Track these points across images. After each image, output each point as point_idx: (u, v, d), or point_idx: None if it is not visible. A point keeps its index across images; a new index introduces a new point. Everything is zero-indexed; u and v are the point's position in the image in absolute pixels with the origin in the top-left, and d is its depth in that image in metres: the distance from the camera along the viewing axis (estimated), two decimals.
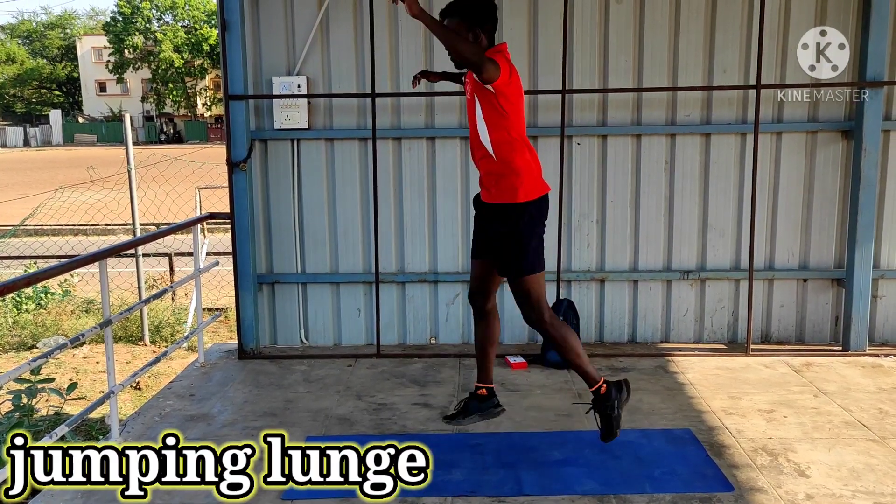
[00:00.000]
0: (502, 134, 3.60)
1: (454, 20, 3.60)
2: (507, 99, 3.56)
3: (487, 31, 3.63)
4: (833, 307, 5.80)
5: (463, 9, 3.60)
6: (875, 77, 5.30)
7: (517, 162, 3.64)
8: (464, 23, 3.58)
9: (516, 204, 3.65)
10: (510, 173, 3.64)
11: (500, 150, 3.62)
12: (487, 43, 3.64)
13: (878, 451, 3.93)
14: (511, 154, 3.62)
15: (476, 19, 3.59)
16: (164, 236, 5.48)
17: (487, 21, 3.63)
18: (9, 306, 8.90)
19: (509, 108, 3.58)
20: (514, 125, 3.62)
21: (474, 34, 3.59)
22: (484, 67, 3.40)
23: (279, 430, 4.27)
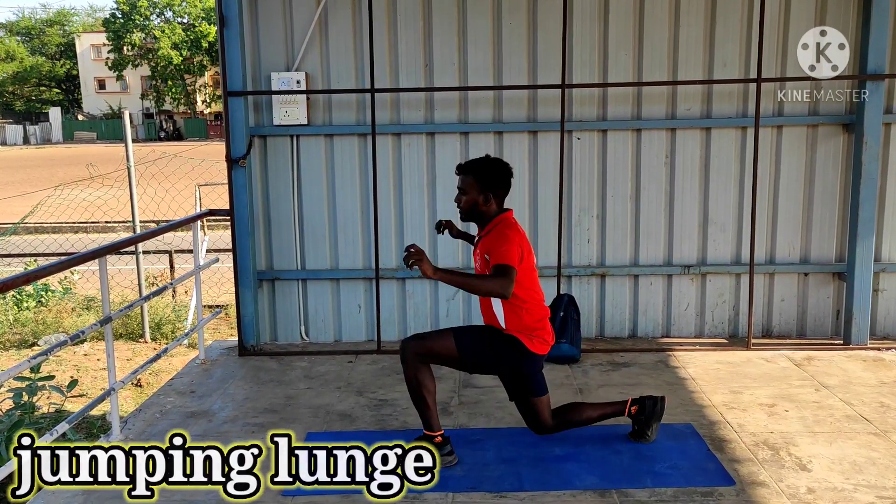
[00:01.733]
0: (515, 309, 3.62)
1: (469, 179, 3.65)
2: (521, 275, 3.54)
3: (499, 196, 3.67)
4: (834, 301, 5.80)
5: (479, 171, 3.65)
6: (876, 70, 5.28)
7: (528, 324, 3.66)
8: (478, 184, 3.63)
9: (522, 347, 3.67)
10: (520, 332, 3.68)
11: (511, 318, 3.65)
12: (497, 208, 3.67)
13: (880, 445, 3.93)
14: (523, 320, 3.65)
15: (490, 184, 3.63)
16: (164, 233, 5.48)
17: (501, 187, 3.67)
18: (9, 304, 8.90)
19: (526, 284, 3.59)
20: (530, 296, 3.63)
21: (485, 196, 3.63)
22: (507, 294, 3.44)
23: (280, 426, 4.28)
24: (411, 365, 3.68)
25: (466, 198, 3.65)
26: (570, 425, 3.90)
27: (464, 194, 3.66)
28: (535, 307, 3.66)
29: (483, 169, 3.65)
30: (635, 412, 3.94)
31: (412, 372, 3.68)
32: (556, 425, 3.85)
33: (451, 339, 3.71)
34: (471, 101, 5.61)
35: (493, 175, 3.64)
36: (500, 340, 3.67)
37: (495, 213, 3.67)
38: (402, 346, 3.74)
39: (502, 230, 3.59)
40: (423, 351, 3.68)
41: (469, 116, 5.63)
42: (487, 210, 3.65)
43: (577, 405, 3.98)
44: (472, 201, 3.65)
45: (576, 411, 3.92)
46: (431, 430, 3.72)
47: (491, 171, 3.65)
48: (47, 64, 65.59)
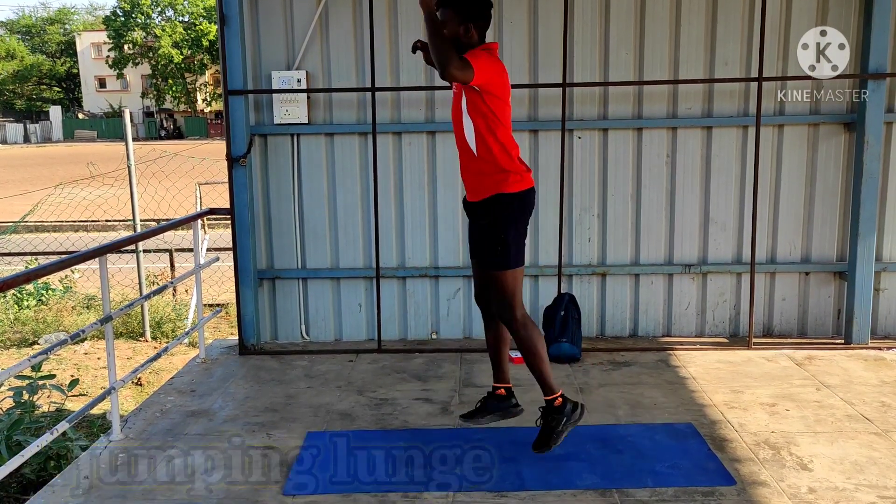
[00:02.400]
0: (486, 132, 3.58)
1: (448, 11, 3.61)
2: (492, 98, 3.54)
3: (479, 27, 3.63)
4: (835, 300, 5.79)
5: (458, 2, 3.61)
6: (877, 69, 5.27)
7: (501, 160, 3.61)
8: (457, 15, 3.59)
9: (498, 195, 3.63)
10: (493, 171, 3.62)
11: (483, 147, 3.60)
12: (478, 39, 3.63)
13: (881, 445, 3.92)
14: (495, 152, 3.60)
15: (469, 14, 3.60)
16: (165, 232, 5.48)
17: (480, 18, 3.64)
18: (10, 302, 8.89)
19: (495, 107, 3.55)
20: (500, 124, 3.59)
21: (465, 28, 3.59)
22: (447, 70, 3.36)
23: (280, 425, 4.29)
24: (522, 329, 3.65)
25: (447, 31, 3.57)
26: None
27: (444, 27, 3.58)
28: (508, 147, 3.61)
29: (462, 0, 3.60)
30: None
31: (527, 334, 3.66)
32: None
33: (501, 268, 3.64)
34: None
35: (471, 5, 3.60)
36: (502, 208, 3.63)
37: (477, 44, 3.62)
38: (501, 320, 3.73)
39: (481, 52, 3.55)
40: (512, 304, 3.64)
41: None
42: (468, 42, 3.59)
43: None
44: (453, 34, 3.58)
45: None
46: (553, 392, 3.71)
47: (469, 1, 3.60)
48: (48, 62, 65.59)
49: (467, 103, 3.58)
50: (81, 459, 3.95)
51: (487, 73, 3.48)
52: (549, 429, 3.69)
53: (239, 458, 3.90)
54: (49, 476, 4.49)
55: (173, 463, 3.86)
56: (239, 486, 3.60)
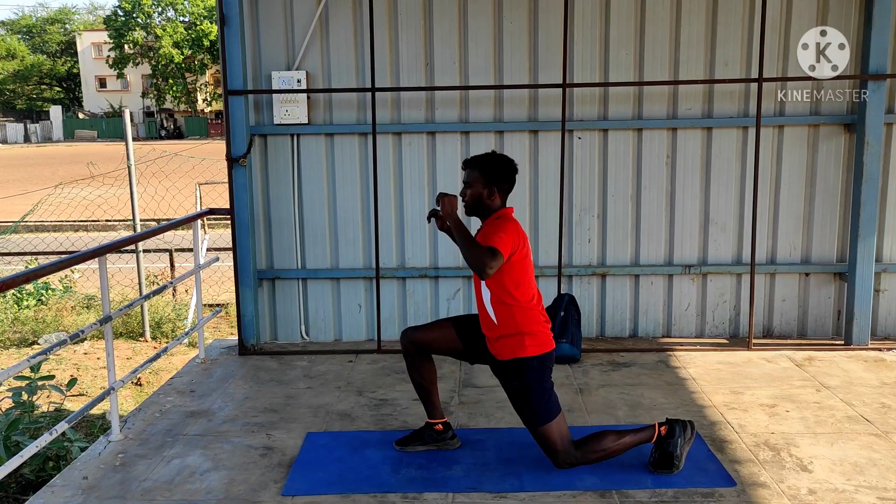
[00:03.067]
0: (507, 304, 3.59)
1: (475, 173, 3.66)
2: (512, 266, 3.54)
3: (503, 190, 3.69)
4: (835, 301, 5.79)
5: (484, 165, 3.66)
6: (878, 70, 5.27)
7: (521, 324, 3.61)
8: (482, 178, 3.64)
9: (519, 360, 3.62)
10: (513, 334, 3.63)
11: (502, 315, 3.62)
12: (500, 202, 3.69)
13: (881, 446, 3.92)
14: (516, 318, 3.61)
15: (494, 178, 3.64)
16: (165, 232, 5.46)
17: (505, 182, 3.69)
18: (9, 302, 8.89)
19: (515, 275, 3.57)
20: (521, 294, 3.60)
21: (489, 190, 3.64)
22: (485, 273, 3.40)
23: (280, 425, 4.29)
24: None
25: (471, 191, 3.67)
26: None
27: (469, 188, 3.68)
28: (527, 307, 3.61)
29: (489, 163, 3.68)
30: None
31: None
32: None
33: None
34: (472, 101, 5.60)
35: (498, 170, 3.67)
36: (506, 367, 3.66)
37: (498, 208, 3.69)
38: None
39: (502, 222, 3.61)
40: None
41: (470, 116, 5.62)
42: (491, 204, 3.67)
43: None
44: (477, 195, 3.66)
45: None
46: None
47: (496, 165, 3.68)
48: (48, 62, 65.59)
49: None
50: (81, 460, 3.95)
51: (511, 245, 3.50)
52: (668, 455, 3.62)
53: (238, 458, 3.90)
54: (48, 476, 4.49)
55: (172, 463, 3.85)
56: (238, 487, 3.60)
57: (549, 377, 3.68)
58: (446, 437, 3.92)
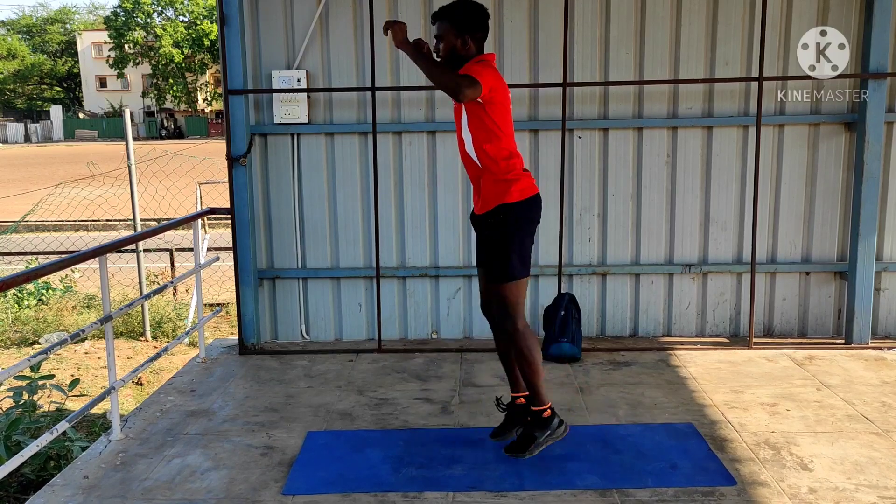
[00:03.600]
0: (488, 144, 3.57)
1: (444, 24, 3.59)
2: (494, 108, 3.52)
3: (477, 38, 3.61)
4: (836, 300, 5.79)
5: (454, 14, 3.59)
6: (878, 69, 5.27)
7: (504, 170, 3.60)
8: (453, 28, 3.57)
9: (503, 205, 3.61)
10: (497, 181, 3.61)
11: (485, 158, 3.59)
12: (476, 50, 3.62)
13: (882, 445, 3.92)
14: (497, 162, 3.59)
15: (466, 26, 3.58)
16: (165, 232, 5.47)
17: (478, 29, 3.62)
18: (10, 302, 8.90)
19: (496, 118, 3.54)
20: (502, 133, 3.58)
21: (463, 40, 3.57)
22: (461, 93, 3.37)
23: (280, 425, 4.29)
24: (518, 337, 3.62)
25: (444, 44, 3.58)
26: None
27: (441, 41, 3.59)
28: (509, 153, 3.59)
29: (458, 12, 3.58)
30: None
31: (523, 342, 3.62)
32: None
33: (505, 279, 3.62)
34: None
35: (468, 17, 3.59)
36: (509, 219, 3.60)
37: (475, 55, 3.61)
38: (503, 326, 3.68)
39: (479, 61, 3.54)
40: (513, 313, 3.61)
41: None
42: (466, 54, 3.58)
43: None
44: (450, 46, 3.58)
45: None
46: (542, 404, 3.70)
47: (466, 12, 3.59)
48: (48, 62, 65.61)
49: (468, 115, 3.56)
50: (81, 459, 3.95)
51: (489, 84, 3.45)
52: (531, 437, 3.70)
53: (239, 457, 3.90)
54: (49, 476, 4.49)
55: (173, 462, 3.86)
56: (239, 486, 3.60)
57: (531, 233, 3.66)
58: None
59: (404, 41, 3.49)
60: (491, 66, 3.60)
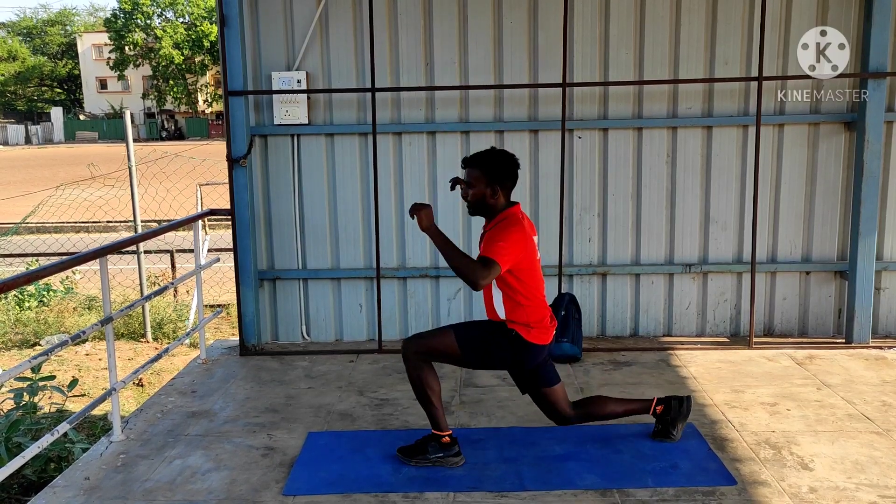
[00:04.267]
0: (515, 304, 3.59)
1: (476, 172, 3.59)
2: (521, 272, 3.53)
3: (507, 188, 3.62)
4: (836, 300, 5.78)
5: (486, 163, 3.59)
6: (878, 68, 5.27)
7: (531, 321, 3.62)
8: (485, 177, 3.57)
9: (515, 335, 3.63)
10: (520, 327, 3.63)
11: (513, 314, 3.62)
12: (504, 200, 3.63)
13: (882, 444, 3.92)
14: (523, 316, 3.61)
15: (497, 176, 3.58)
16: (165, 233, 5.48)
17: (508, 179, 3.62)
18: (11, 304, 8.91)
19: (523, 278, 3.55)
20: (529, 293, 3.59)
21: (493, 189, 3.58)
22: (478, 285, 3.38)
23: (281, 426, 4.29)
24: (414, 365, 3.65)
25: (474, 191, 3.59)
26: (592, 418, 3.88)
27: (471, 188, 3.59)
28: (535, 306, 3.63)
29: (490, 161, 3.59)
30: (661, 412, 3.94)
31: (415, 372, 3.65)
32: (577, 416, 3.82)
33: (452, 336, 3.67)
34: (472, 100, 5.60)
35: (500, 167, 3.59)
36: (500, 334, 3.64)
37: (503, 207, 3.62)
38: (403, 345, 3.73)
39: (507, 226, 3.54)
40: (424, 350, 3.66)
41: (470, 115, 5.63)
42: (495, 203, 3.59)
43: (601, 399, 3.96)
44: (480, 194, 3.58)
45: (599, 404, 3.90)
46: (439, 430, 3.72)
47: (498, 163, 3.59)
48: (49, 64, 65.67)
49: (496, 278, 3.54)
50: (82, 460, 3.96)
51: (514, 255, 3.45)
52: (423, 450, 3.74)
53: (239, 458, 3.91)
54: (50, 477, 4.49)
55: (174, 464, 3.86)
56: (239, 487, 3.60)
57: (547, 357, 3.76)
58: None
59: (430, 226, 3.49)
60: (518, 224, 3.56)
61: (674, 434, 3.93)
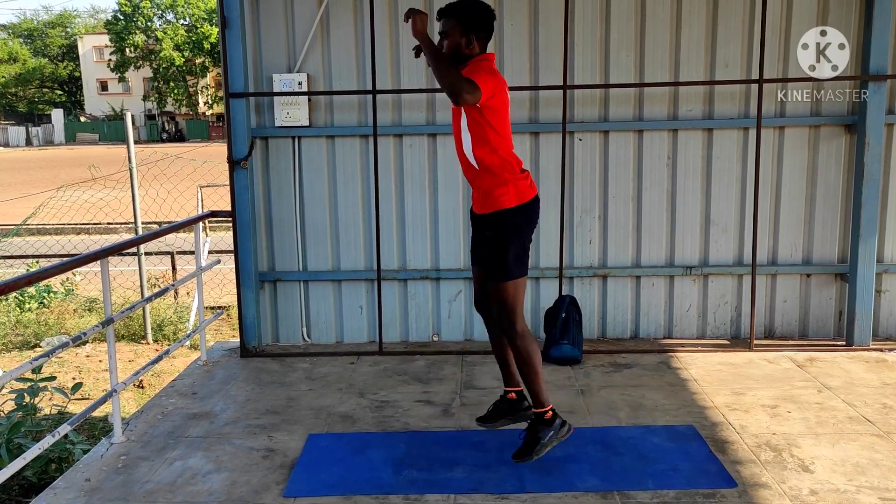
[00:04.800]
0: (486, 146, 3.57)
1: (451, 21, 3.59)
2: (492, 112, 3.52)
3: (482, 38, 3.62)
4: (836, 302, 5.79)
5: (460, 12, 3.59)
6: (878, 71, 5.27)
7: (502, 173, 3.60)
8: (459, 25, 3.57)
9: (503, 210, 3.62)
10: (495, 184, 3.61)
11: (483, 161, 3.59)
12: (479, 50, 3.62)
13: (883, 447, 3.92)
14: (495, 166, 3.59)
15: (472, 25, 3.58)
16: (166, 234, 5.47)
17: (483, 28, 3.62)
18: (11, 305, 8.91)
19: (494, 122, 3.54)
20: (499, 138, 3.58)
21: (468, 38, 3.58)
22: (460, 97, 3.37)
23: (281, 427, 4.29)
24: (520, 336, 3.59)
25: (448, 41, 3.58)
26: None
27: (445, 38, 3.59)
28: (506, 150, 3.60)
29: (465, 10, 3.58)
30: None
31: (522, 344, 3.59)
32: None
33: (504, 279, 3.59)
34: None
35: (476, 16, 3.58)
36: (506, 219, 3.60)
37: (477, 56, 3.61)
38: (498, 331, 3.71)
39: (482, 66, 3.53)
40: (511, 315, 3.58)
41: None
42: (470, 53, 3.58)
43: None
44: (455, 44, 3.57)
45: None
46: (542, 406, 3.67)
47: (474, 11, 3.59)
48: (50, 65, 65.74)
49: (467, 118, 3.56)
50: (83, 462, 3.96)
51: (490, 90, 3.46)
52: (535, 440, 3.67)
53: (240, 460, 3.91)
54: (51, 479, 4.49)
55: (174, 465, 3.86)
56: (240, 489, 3.60)
57: (529, 234, 3.68)
58: (520, 406, 3.78)
59: (423, 32, 3.48)
60: (492, 68, 3.60)
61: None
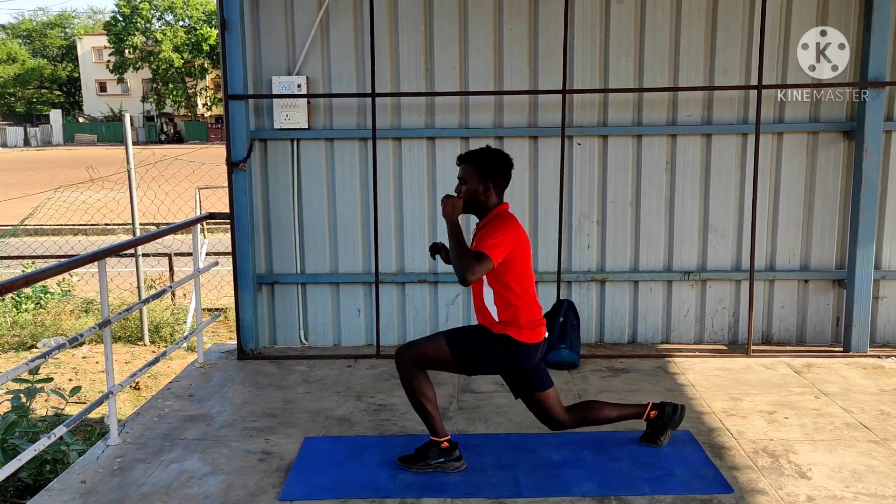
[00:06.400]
0: (510, 301, 3.59)
1: (470, 168, 3.63)
2: (514, 268, 3.55)
3: (499, 186, 3.66)
4: (834, 308, 5.79)
5: (480, 160, 3.63)
6: (877, 77, 5.28)
7: (522, 320, 3.61)
8: (478, 173, 3.62)
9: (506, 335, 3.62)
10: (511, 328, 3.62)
11: (505, 313, 3.62)
12: (497, 199, 3.66)
13: (880, 453, 3.92)
14: (519, 315, 3.61)
15: (490, 173, 3.62)
16: (164, 236, 5.46)
17: (501, 177, 3.66)
18: (8, 306, 8.89)
19: (514, 276, 3.56)
20: (523, 290, 3.60)
21: (485, 186, 3.61)
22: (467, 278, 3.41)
23: (278, 430, 4.28)
24: (407, 373, 3.65)
25: (466, 187, 3.62)
26: (587, 422, 3.88)
27: (463, 184, 3.63)
28: (527, 305, 3.62)
29: (484, 159, 3.63)
30: (654, 417, 3.95)
31: (409, 380, 3.65)
32: (572, 421, 3.82)
33: (444, 342, 3.67)
34: (471, 106, 5.61)
35: (494, 165, 3.63)
36: (491, 338, 3.63)
37: (494, 205, 3.65)
38: (396, 354, 3.72)
39: (499, 223, 3.57)
40: (417, 357, 3.65)
41: (470, 121, 5.63)
42: (487, 201, 3.63)
43: (596, 403, 3.97)
44: (472, 191, 3.62)
45: (594, 409, 3.90)
46: (438, 436, 3.72)
47: (492, 160, 3.63)
48: (48, 66, 65.71)
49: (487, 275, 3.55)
50: (78, 464, 3.94)
51: (506, 250, 3.48)
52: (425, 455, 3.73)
53: (236, 463, 3.90)
54: (46, 480, 4.48)
55: (171, 468, 3.85)
56: (236, 492, 3.59)
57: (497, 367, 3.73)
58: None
59: (451, 216, 3.54)
60: (510, 221, 3.60)
61: (661, 440, 3.95)
